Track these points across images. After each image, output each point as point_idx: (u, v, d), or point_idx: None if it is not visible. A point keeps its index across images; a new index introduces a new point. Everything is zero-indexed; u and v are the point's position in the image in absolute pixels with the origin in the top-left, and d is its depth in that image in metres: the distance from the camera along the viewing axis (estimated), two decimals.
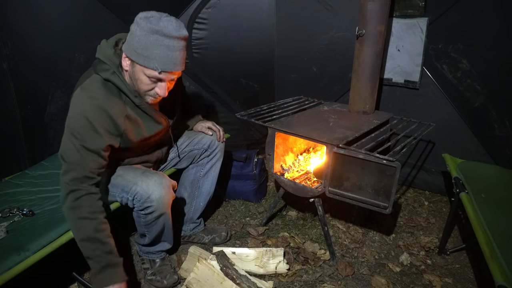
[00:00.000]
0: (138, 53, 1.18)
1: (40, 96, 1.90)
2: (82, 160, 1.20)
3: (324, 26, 2.33)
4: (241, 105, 2.67)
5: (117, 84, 1.26)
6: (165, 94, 1.28)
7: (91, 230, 1.19)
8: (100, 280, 1.20)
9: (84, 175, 1.21)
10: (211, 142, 1.76)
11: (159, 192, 1.35)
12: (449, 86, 2.10)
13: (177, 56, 1.21)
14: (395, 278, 1.66)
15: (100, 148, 1.23)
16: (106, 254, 1.21)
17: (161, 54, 1.17)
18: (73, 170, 1.20)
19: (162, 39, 1.16)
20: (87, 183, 1.22)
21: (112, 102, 1.25)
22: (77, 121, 1.20)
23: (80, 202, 1.19)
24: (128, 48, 1.21)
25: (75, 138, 1.19)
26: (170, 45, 1.17)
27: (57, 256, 1.29)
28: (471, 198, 1.50)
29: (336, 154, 1.50)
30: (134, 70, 1.23)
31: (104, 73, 1.25)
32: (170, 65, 1.20)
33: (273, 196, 2.36)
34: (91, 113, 1.20)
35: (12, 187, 1.63)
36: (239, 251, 1.67)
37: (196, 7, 2.36)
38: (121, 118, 1.28)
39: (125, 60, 1.25)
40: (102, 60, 1.26)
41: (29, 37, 1.79)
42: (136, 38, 1.17)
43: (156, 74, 1.20)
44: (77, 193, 1.19)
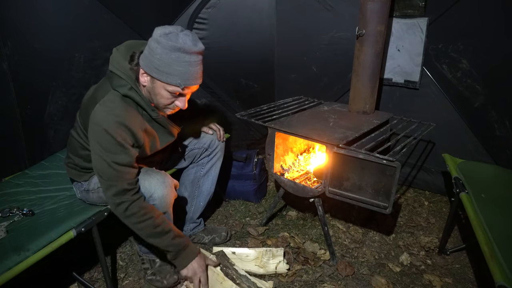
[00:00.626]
0: (160, 71, 1.22)
1: (40, 96, 1.90)
2: (117, 175, 1.25)
3: (324, 26, 2.33)
4: (241, 105, 2.67)
5: (135, 99, 1.30)
6: (185, 106, 1.34)
7: (150, 228, 1.30)
8: (180, 262, 1.39)
9: (124, 188, 1.26)
10: (211, 141, 1.76)
11: (162, 191, 1.36)
12: (449, 86, 2.10)
13: (197, 71, 1.27)
14: (395, 278, 1.66)
15: (131, 160, 1.29)
16: (173, 241, 1.35)
17: (183, 70, 1.22)
18: (113, 186, 1.25)
19: (184, 56, 1.20)
20: (129, 194, 1.27)
21: (133, 118, 1.29)
22: (103, 139, 1.23)
23: (129, 212, 1.27)
24: (148, 65, 1.24)
25: (105, 156, 1.24)
26: (191, 60, 1.22)
27: (57, 256, 1.29)
28: (471, 198, 1.50)
29: (336, 154, 1.50)
30: (154, 86, 1.27)
31: (122, 88, 1.27)
32: (192, 80, 1.26)
33: (273, 196, 2.36)
34: (114, 130, 1.23)
35: (12, 187, 1.63)
36: (239, 251, 1.67)
37: (196, 7, 2.36)
38: (140, 132, 1.33)
39: (143, 76, 1.28)
40: (118, 75, 1.28)
41: (29, 37, 1.79)
42: (157, 56, 1.20)
43: (179, 89, 1.25)
44: (123, 205, 1.26)
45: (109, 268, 1.68)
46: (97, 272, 1.67)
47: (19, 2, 1.72)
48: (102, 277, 1.63)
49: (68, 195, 1.58)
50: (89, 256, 1.68)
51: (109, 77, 1.30)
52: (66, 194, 1.59)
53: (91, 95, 1.35)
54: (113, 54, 1.33)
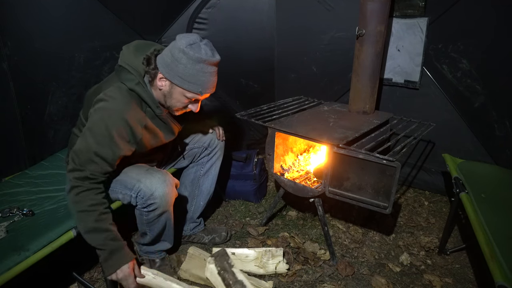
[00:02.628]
0: (184, 79, 1.28)
1: (40, 96, 1.90)
2: (90, 164, 1.25)
3: (324, 26, 2.33)
4: (241, 105, 2.67)
5: (141, 94, 1.32)
6: (197, 110, 1.42)
7: (91, 221, 1.25)
8: (110, 265, 1.28)
9: (87, 176, 1.25)
10: (211, 140, 1.76)
11: (163, 189, 1.36)
12: (449, 86, 2.10)
13: (215, 80, 1.36)
14: (395, 278, 1.66)
15: (111, 158, 1.29)
16: (110, 241, 1.28)
17: (205, 80, 1.31)
18: (79, 170, 1.25)
19: (207, 67, 1.28)
20: (88, 181, 1.26)
21: (134, 112, 1.31)
22: (97, 128, 1.25)
23: (80, 197, 1.25)
24: (169, 72, 1.29)
25: (91, 144, 1.24)
26: (212, 71, 1.31)
27: (57, 256, 1.29)
28: (471, 198, 1.50)
29: (336, 154, 1.50)
30: (172, 91, 1.33)
31: (130, 83, 1.30)
32: (211, 89, 1.36)
33: (273, 196, 2.36)
34: (112, 122, 1.25)
35: (12, 187, 1.63)
36: (239, 252, 1.67)
37: (196, 7, 2.36)
38: (139, 128, 1.34)
39: (161, 81, 1.33)
40: (127, 69, 1.31)
41: (29, 37, 1.79)
42: (182, 66, 1.26)
43: (198, 97, 1.34)
44: (78, 189, 1.25)
45: None
46: (97, 272, 1.67)
47: (19, 2, 1.72)
48: (102, 277, 1.63)
49: None
50: (89, 256, 1.67)
51: (118, 72, 1.33)
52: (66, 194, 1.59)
53: (97, 87, 1.38)
54: (123, 51, 1.37)
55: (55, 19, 1.89)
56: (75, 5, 1.92)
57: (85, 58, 2.00)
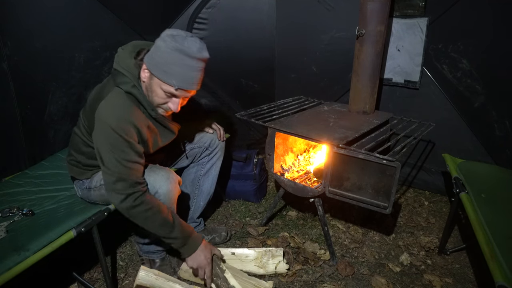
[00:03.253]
0: (159, 68, 1.23)
1: (40, 96, 1.90)
2: (127, 171, 1.27)
3: (324, 26, 2.33)
4: (241, 105, 2.66)
5: (137, 97, 1.31)
6: (177, 109, 1.33)
7: (159, 218, 1.32)
8: (187, 250, 1.42)
9: (137, 181, 1.29)
10: (212, 140, 1.76)
11: (167, 186, 1.37)
12: (449, 86, 2.10)
13: (195, 76, 1.26)
14: (395, 278, 1.66)
15: (139, 156, 1.31)
16: (181, 232, 1.38)
17: (181, 72, 1.23)
18: (123, 180, 1.27)
19: (184, 58, 1.21)
20: (139, 186, 1.30)
21: (137, 114, 1.31)
22: (110, 137, 1.25)
23: (138, 201, 1.28)
24: (150, 61, 1.25)
25: (115, 153, 1.25)
26: (190, 64, 1.22)
27: (57, 256, 1.29)
28: (471, 198, 1.50)
29: (336, 154, 1.50)
30: (151, 83, 1.28)
31: (125, 86, 1.29)
32: (187, 84, 1.26)
33: (273, 196, 2.36)
34: (120, 127, 1.25)
35: (12, 187, 1.63)
36: (239, 252, 1.67)
37: (196, 7, 2.36)
38: (144, 128, 1.34)
39: (144, 72, 1.29)
40: (122, 72, 1.30)
41: (29, 37, 1.79)
42: (159, 53, 1.22)
43: (172, 90, 1.25)
44: (134, 195, 1.28)
45: (109, 268, 1.68)
46: (97, 272, 1.67)
47: (19, 2, 1.72)
48: (102, 277, 1.63)
49: (68, 195, 1.58)
50: (89, 256, 1.68)
51: (113, 75, 1.32)
52: (66, 194, 1.59)
53: (96, 93, 1.37)
54: (118, 53, 1.35)
55: (55, 19, 1.89)
56: (75, 5, 1.92)
57: (85, 58, 2.00)
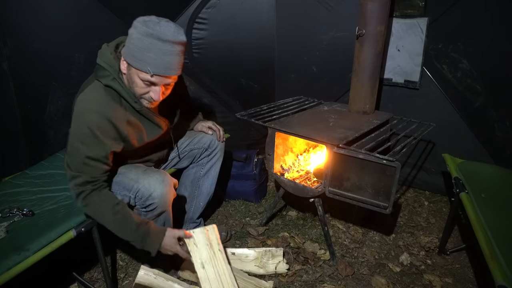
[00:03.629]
0: (134, 56, 1.19)
1: (40, 96, 1.90)
2: (85, 169, 1.25)
3: (324, 26, 2.33)
4: (241, 105, 2.66)
5: (117, 90, 1.27)
6: (158, 98, 1.27)
7: (109, 219, 1.29)
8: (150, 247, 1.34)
9: (87, 180, 1.26)
10: (211, 141, 1.76)
11: (161, 189, 1.36)
12: (449, 86, 2.10)
13: (170, 61, 1.20)
14: (395, 278, 1.66)
15: (103, 156, 1.27)
16: (137, 228, 1.31)
17: (154, 57, 1.17)
18: (78, 177, 1.25)
19: (156, 42, 1.15)
20: (90, 185, 1.27)
21: (114, 109, 1.27)
22: (81, 130, 1.23)
23: (88, 201, 1.27)
24: (125, 51, 1.23)
25: (79, 148, 1.23)
26: (163, 49, 1.16)
27: (57, 256, 1.29)
28: (471, 198, 1.50)
29: (336, 154, 1.50)
30: (130, 73, 1.24)
31: (105, 79, 1.26)
32: (162, 69, 1.20)
33: (273, 196, 2.36)
34: (94, 122, 1.22)
35: (12, 187, 1.63)
36: (239, 252, 1.67)
37: (196, 7, 2.36)
38: (123, 124, 1.30)
39: (123, 63, 1.26)
40: (102, 66, 1.27)
41: (29, 37, 1.79)
42: (132, 41, 1.18)
43: (148, 77, 1.20)
44: (83, 194, 1.26)
45: (109, 268, 1.68)
46: (97, 272, 1.67)
47: (19, 2, 1.72)
48: (102, 277, 1.63)
49: (68, 195, 1.58)
50: (89, 256, 1.68)
51: (96, 70, 1.30)
52: (66, 194, 1.59)
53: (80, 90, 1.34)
54: (102, 48, 1.32)
55: (55, 19, 1.89)
56: (75, 5, 1.92)
57: (85, 58, 2.00)
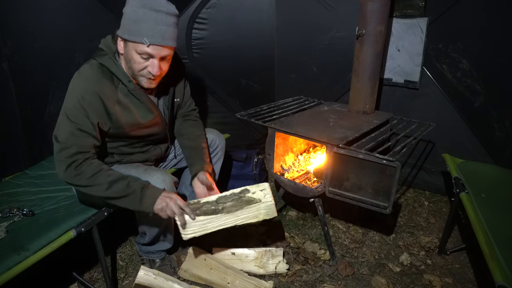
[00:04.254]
0: (129, 30, 1.21)
1: (40, 96, 1.90)
2: (75, 139, 1.25)
3: (324, 26, 2.33)
4: (241, 105, 2.67)
5: (110, 68, 1.30)
6: (157, 72, 1.28)
7: (104, 181, 1.25)
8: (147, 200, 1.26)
9: (78, 151, 1.25)
10: (212, 141, 1.76)
11: (161, 188, 1.35)
12: (449, 86, 2.10)
13: (165, 30, 1.22)
14: (395, 278, 1.66)
15: (91, 128, 1.27)
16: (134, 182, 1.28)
17: (149, 27, 1.19)
18: (67, 148, 1.24)
19: (150, 12, 1.19)
20: (81, 155, 1.26)
21: (103, 85, 1.29)
22: (70, 103, 1.25)
23: (80, 169, 1.24)
24: (121, 29, 1.25)
25: (69, 120, 1.24)
26: (157, 18, 1.20)
27: (57, 256, 1.29)
28: (471, 198, 1.50)
29: (336, 154, 1.50)
30: (127, 51, 1.26)
31: (100, 58, 1.30)
32: (158, 38, 1.21)
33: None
34: (83, 94, 1.24)
35: (12, 187, 1.63)
36: (239, 252, 1.67)
37: (196, 7, 2.36)
38: (111, 101, 1.31)
39: (119, 44, 1.29)
40: (101, 47, 1.33)
41: (29, 37, 1.79)
42: (126, 16, 1.22)
43: (145, 48, 1.22)
44: (75, 163, 1.24)
45: (109, 268, 1.68)
46: (97, 272, 1.67)
47: (19, 2, 1.72)
48: (102, 277, 1.63)
49: (68, 195, 1.58)
50: (89, 256, 1.68)
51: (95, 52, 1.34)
52: (66, 194, 1.59)
53: None
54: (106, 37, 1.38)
55: (55, 19, 1.89)
56: (75, 5, 1.92)
57: (85, 58, 1.99)
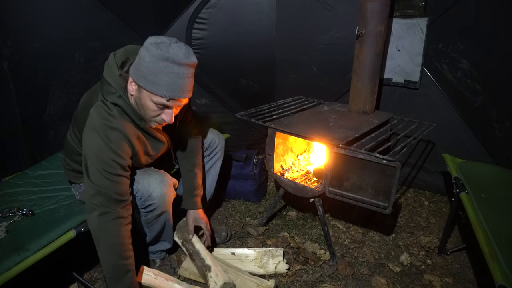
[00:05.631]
0: (147, 79, 1.16)
1: (40, 96, 1.90)
2: (111, 184, 1.21)
3: (324, 26, 2.33)
4: (241, 105, 2.67)
5: (123, 108, 1.26)
6: (171, 121, 1.26)
7: (116, 257, 1.22)
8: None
9: (114, 198, 1.22)
10: (211, 141, 1.76)
11: (161, 190, 1.36)
12: (449, 86, 2.10)
13: (186, 84, 1.19)
14: (395, 278, 1.66)
15: (124, 170, 1.25)
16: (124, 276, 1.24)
17: (170, 81, 1.15)
18: (103, 194, 1.20)
19: (172, 66, 1.14)
20: (118, 206, 1.23)
21: (126, 124, 1.27)
22: (97, 146, 1.20)
23: (109, 226, 1.21)
24: (136, 73, 1.19)
25: (99, 163, 1.20)
26: (179, 72, 1.15)
27: (57, 256, 1.29)
28: (471, 198, 1.50)
29: (336, 154, 1.50)
30: (140, 96, 1.21)
31: (111, 96, 1.24)
32: (178, 93, 1.18)
33: (273, 196, 2.36)
34: (108, 136, 1.21)
35: (12, 187, 1.63)
36: (239, 252, 1.67)
37: (196, 7, 2.36)
38: (134, 138, 1.30)
39: (131, 85, 1.22)
40: (108, 81, 1.25)
41: (29, 37, 1.79)
42: (145, 64, 1.15)
43: (164, 101, 1.18)
44: (108, 216, 1.20)
45: None
46: (97, 272, 1.67)
47: (19, 2, 1.72)
48: (102, 277, 1.63)
49: (68, 195, 1.58)
50: (89, 256, 1.67)
51: (102, 83, 1.28)
52: (66, 194, 1.59)
53: (85, 100, 1.34)
54: (109, 60, 1.29)
55: (55, 19, 1.89)
56: (75, 5, 1.93)
57: (85, 58, 2.00)
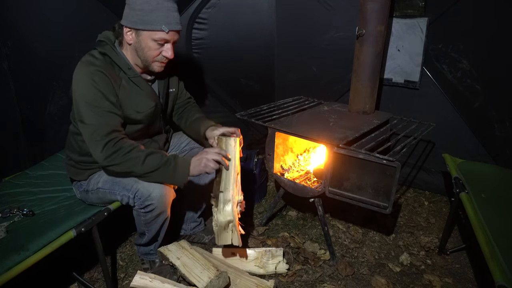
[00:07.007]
0: (144, 20, 1.28)
1: (40, 96, 1.90)
2: (105, 119, 1.29)
3: (324, 26, 2.33)
4: (241, 105, 2.67)
5: (111, 56, 1.35)
6: (171, 55, 1.37)
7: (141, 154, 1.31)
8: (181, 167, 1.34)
9: (113, 129, 1.30)
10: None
11: (160, 190, 1.36)
12: (449, 86, 2.10)
13: (177, 16, 1.34)
14: (395, 278, 1.66)
15: (114, 107, 1.32)
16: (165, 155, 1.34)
17: (165, 15, 1.29)
18: (100, 128, 1.28)
19: (162, 2, 1.28)
20: (117, 133, 1.31)
21: (109, 69, 1.34)
22: (84, 89, 1.28)
23: (118, 145, 1.29)
24: (130, 20, 1.31)
25: (90, 105, 1.27)
26: (169, 6, 1.31)
27: (57, 256, 1.29)
28: (471, 198, 1.50)
29: (336, 154, 1.50)
30: (140, 40, 1.33)
31: (101, 48, 1.35)
32: (174, 24, 1.32)
33: (273, 196, 2.36)
34: (95, 77, 1.28)
35: (12, 187, 1.63)
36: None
37: (196, 7, 2.36)
38: (116, 84, 1.35)
39: (128, 35, 1.34)
40: (100, 39, 1.37)
41: (29, 37, 1.79)
42: (138, 7, 1.28)
43: (164, 35, 1.31)
44: (113, 140, 1.29)
45: (109, 268, 1.68)
46: (97, 272, 1.67)
47: (19, 2, 1.72)
48: (102, 277, 1.63)
49: (68, 195, 1.58)
50: (89, 256, 1.68)
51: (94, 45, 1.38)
52: (66, 195, 1.59)
53: None
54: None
55: (55, 19, 1.89)
56: (75, 5, 1.93)
57: None
